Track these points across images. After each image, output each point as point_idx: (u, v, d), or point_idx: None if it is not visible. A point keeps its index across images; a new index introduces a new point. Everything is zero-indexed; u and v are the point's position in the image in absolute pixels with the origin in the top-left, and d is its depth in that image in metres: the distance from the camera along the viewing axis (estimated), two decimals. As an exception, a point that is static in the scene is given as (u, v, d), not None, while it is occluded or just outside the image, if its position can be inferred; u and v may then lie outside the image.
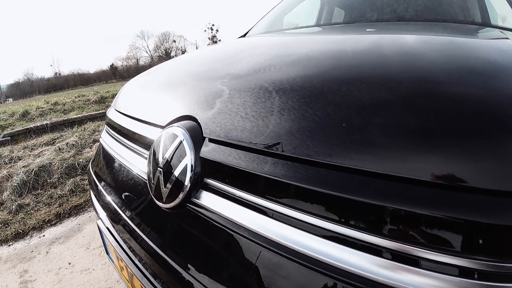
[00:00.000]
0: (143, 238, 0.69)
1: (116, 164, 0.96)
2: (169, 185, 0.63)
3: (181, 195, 0.61)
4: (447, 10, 1.41)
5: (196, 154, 0.62)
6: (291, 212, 0.49)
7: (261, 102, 0.61)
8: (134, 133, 0.89)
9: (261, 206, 0.53)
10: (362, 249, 0.42)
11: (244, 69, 0.79)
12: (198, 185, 0.62)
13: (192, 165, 0.61)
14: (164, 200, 0.64)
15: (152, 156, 0.70)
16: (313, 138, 0.50)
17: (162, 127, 0.74)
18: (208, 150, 0.61)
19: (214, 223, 0.58)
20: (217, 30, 15.47)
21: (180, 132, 0.64)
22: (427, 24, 1.22)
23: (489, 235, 0.36)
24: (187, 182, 0.61)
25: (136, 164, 0.83)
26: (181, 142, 0.63)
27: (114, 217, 0.83)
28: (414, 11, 1.41)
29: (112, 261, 0.97)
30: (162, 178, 0.65)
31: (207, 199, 0.60)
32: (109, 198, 0.89)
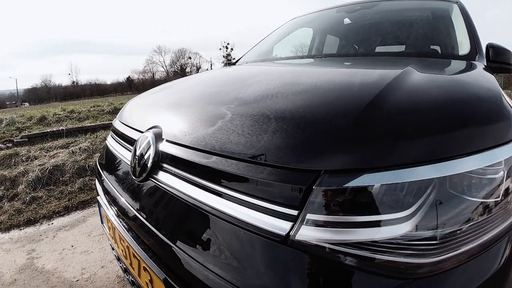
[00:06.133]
0: (124, 201, 1.08)
1: (114, 157, 1.36)
2: (139, 167, 1.02)
3: (144, 174, 1.00)
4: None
5: (156, 148, 1.00)
6: (204, 182, 0.85)
7: (194, 119, 1.01)
8: (127, 135, 1.29)
9: (194, 180, 0.88)
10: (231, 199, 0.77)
11: (194, 97, 1.23)
12: (156, 167, 1.00)
13: (153, 155, 0.99)
14: (137, 176, 1.03)
15: (134, 150, 1.09)
16: (216, 137, 0.88)
17: (142, 132, 1.13)
18: (164, 146, 1.00)
19: (166, 190, 0.94)
20: (232, 49, 16.15)
21: (149, 135, 1.04)
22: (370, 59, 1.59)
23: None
24: (149, 165, 0.99)
25: (126, 156, 1.23)
26: (149, 141, 1.02)
27: (108, 191, 1.22)
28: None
29: (105, 227, 1.36)
30: (137, 163, 1.04)
31: (161, 176, 0.98)
32: (107, 179, 1.29)
